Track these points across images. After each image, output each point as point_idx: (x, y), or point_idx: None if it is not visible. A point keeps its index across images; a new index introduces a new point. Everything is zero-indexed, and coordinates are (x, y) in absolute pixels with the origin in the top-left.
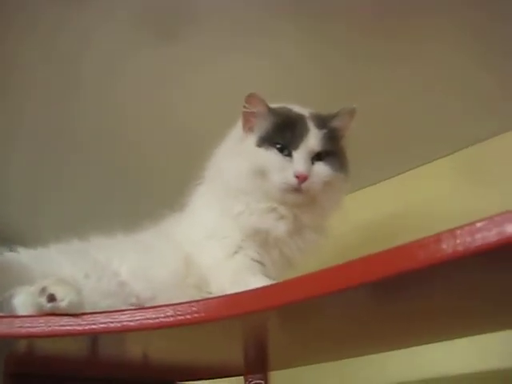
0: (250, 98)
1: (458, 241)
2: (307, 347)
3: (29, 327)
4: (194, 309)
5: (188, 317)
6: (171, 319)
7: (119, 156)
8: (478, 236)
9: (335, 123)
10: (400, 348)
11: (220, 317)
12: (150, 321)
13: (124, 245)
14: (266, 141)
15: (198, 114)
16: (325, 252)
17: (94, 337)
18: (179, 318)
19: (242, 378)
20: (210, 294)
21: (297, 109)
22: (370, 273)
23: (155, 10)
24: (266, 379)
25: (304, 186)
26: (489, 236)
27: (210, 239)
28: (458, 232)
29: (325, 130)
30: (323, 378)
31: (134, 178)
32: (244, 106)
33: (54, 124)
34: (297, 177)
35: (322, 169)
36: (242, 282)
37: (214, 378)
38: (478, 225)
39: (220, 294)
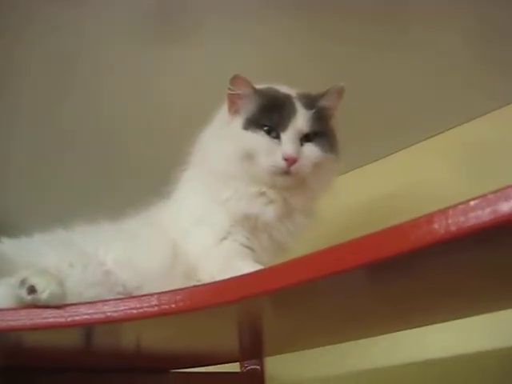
0: (235, 79)
1: (451, 220)
2: (300, 332)
3: (10, 321)
4: (178, 297)
5: (173, 306)
6: (155, 309)
7: (114, 150)
8: (472, 215)
9: (323, 103)
10: (396, 331)
11: (205, 305)
12: (134, 311)
13: (109, 233)
14: (253, 123)
15: (191, 105)
16: (317, 235)
17: (79, 328)
18: (164, 307)
19: (237, 363)
20: (199, 281)
21: (284, 89)
22: (360, 256)
23: (151, 7)
24: (261, 364)
25: (293, 168)
26: (482, 215)
27: (198, 226)
28: (451, 212)
29: (313, 110)
30: (310, 362)
31: (130, 171)
32: (229, 88)
33: (51, 119)
34: (286, 159)
35: (311, 150)
36: (231, 268)
37: (209, 365)
38: (472, 203)
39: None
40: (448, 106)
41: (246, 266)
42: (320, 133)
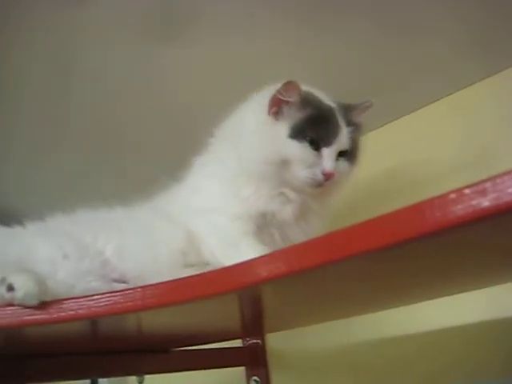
0: (288, 85)
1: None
2: (301, 313)
3: None
4: (162, 291)
5: (157, 299)
6: (139, 303)
7: (114, 148)
8: (450, 210)
9: (359, 118)
10: (397, 306)
11: (190, 298)
12: (119, 305)
13: (112, 222)
14: (299, 133)
15: (191, 104)
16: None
17: (67, 323)
18: (148, 301)
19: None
20: (208, 264)
21: (324, 98)
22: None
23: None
24: (262, 339)
25: (328, 182)
26: (459, 210)
27: (211, 213)
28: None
29: (352, 127)
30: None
31: (130, 169)
32: (279, 92)
33: (51, 117)
34: (324, 175)
35: (343, 166)
36: (232, 244)
37: (210, 343)
38: (451, 196)
39: (212, 260)
40: (446, 72)
41: (247, 245)
42: (352, 148)
